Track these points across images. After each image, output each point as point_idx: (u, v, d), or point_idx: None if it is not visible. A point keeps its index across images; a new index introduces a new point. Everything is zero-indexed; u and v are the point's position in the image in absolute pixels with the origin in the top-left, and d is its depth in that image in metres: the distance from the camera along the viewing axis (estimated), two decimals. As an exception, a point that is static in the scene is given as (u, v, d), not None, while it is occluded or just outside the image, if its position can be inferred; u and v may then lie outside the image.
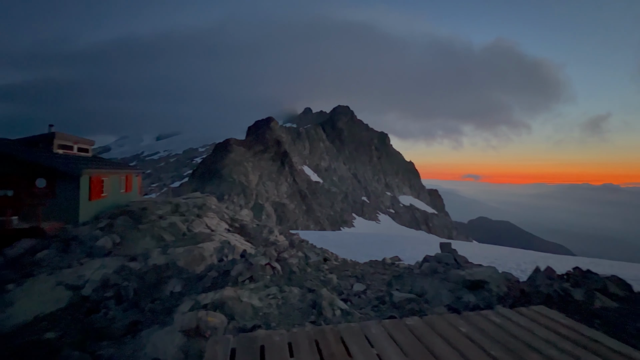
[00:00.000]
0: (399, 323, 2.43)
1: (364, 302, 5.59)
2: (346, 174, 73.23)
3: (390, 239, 21.00)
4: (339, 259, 10.10)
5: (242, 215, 14.31)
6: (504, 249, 19.22)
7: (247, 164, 45.20)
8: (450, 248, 7.13)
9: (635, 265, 13.38)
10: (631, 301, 4.97)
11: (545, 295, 4.69)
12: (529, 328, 2.31)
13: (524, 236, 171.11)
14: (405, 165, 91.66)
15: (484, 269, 5.58)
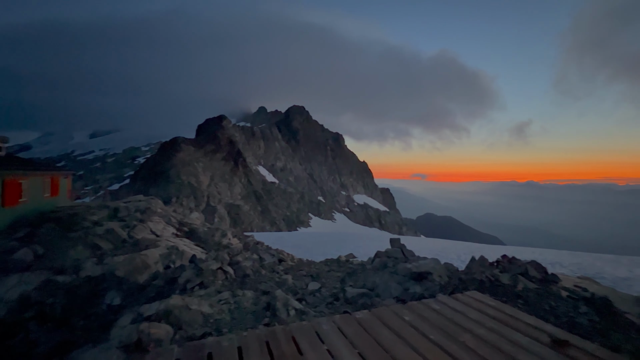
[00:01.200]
0: (348, 318, 2.51)
1: (319, 300, 5.67)
2: (302, 174, 73.45)
3: (346, 237, 21.58)
4: (295, 259, 10.10)
5: (192, 218, 13.53)
6: (447, 242, 20.91)
7: (197, 164, 42.77)
8: (399, 243, 7.56)
9: (551, 251, 15.51)
10: (546, 282, 5.77)
11: (479, 281, 5.23)
12: (462, 312, 2.56)
13: (464, 229, 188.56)
14: (359, 165, 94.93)
15: (428, 261, 6.02)
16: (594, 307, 4.63)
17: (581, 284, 5.84)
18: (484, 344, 2.08)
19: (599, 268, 10.26)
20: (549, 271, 6.55)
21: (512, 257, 6.85)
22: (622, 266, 10.79)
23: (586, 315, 4.33)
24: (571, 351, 2.00)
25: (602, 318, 4.49)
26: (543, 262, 10.53)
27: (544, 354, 1.97)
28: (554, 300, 4.72)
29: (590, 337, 3.94)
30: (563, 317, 4.24)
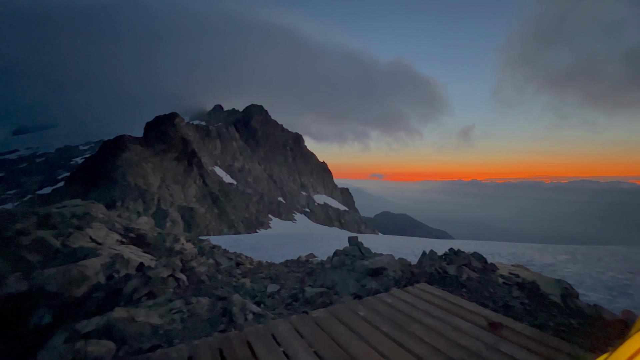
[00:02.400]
0: (305, 317, 2.52)
1: (278, 302, 5.60)
2: (261, 175, 72.05)
3: (306, 237, 21.62)
4: (254, 262, 9.86)
5: (140, 223, 12.51)
6: (402, 238, 22.00)
7: (146, 165, 39.68)
8: (356, 241, 7.78)
9: (491, 243, 17.08)
10: (486, 271, 6.35)
11: (429, 274, 5.59)
12: (412, 303, 2.71)
13: (417, 226, 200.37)
14: (319, 165, 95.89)
15: (383, 258, 6.28)
16: (525, 291, 5.22)
17: (514, 271, 6.54)
18: (431, 331, 2.23)
19: (529, 256, 11.49)
20: (489, 261, 7.23)
21: (457, 249, 7.44)
22: (548, 253, 12.20)
23: (518, 299, 4.87)
24: (504, 331, 2.23)
25: (531, 300, 5.07)
26: (484, 253, 11.58)
27: (481, 336, 2.17)
28: (492, 287, 5.23)
29: (521, 317, 4.43)
30: (499, 302, 4.71)
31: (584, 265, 9.88)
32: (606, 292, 7.22)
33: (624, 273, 8.80)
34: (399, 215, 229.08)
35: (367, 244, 13.55)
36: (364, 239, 18.41)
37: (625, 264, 10.00)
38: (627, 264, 10.08)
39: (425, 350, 1.99)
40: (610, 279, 8.29)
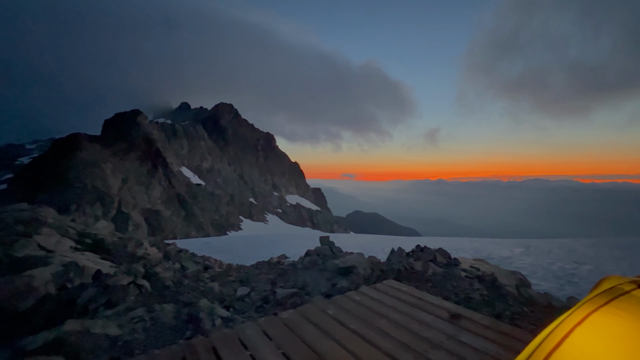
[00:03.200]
0: (274, 319, 2.49)
1: (248, 306, 5.49)
2: (231, 175, 70.20)
3: (278, 238, 21.42)
4: (224, 265, 9.59)
5: (98, 228, 11.66)
6: (373, 237, 22.51)
7: (104, 165, 37.05)
8: (328, 241, 7.84)
9: (456, 239, 17.99)
10: (450, 265, 6.69)
11: (397, 270, 5.78)
12: (380, 299, 2.78)
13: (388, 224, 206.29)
14: (291, 166, 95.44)
15: (353, 256, 6.39)
16: (484, 283, 5.57)
17: (475, 265, 6.95)
18: (397, 326, 2.30)
19: (489, 250, 12.25)
20: (453, 256, 7.63)
21: (424, 246, 7.75)
22: (505, 247, 13.09)
23: (478, 291, 5.18)
24: (463, 322, 2.35)
25: (490, 291, 5.42)
26: (449, 248, 12.18)
27: (443, 327, 2.28)
28: (455, 281, 5.52)
29: (480, 308, 4.71)
30: (462, 294, 4.98)
31: (536, 257, 10.75)
32: (555, 281, 7.91)
33: (571, 263, 9.70)
34: (370, 214, 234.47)
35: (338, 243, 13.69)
36: (336, 239, 18.62)
37: (571, 255, 11.02)
38: (572, 255, 11.12)
39: (391, 345, 2.05)
40: (558, 268, 9.10)
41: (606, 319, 0.74)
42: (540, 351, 0.75)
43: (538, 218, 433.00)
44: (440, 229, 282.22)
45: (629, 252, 11.38)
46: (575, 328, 0.75)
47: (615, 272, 9.13)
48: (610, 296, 0.78)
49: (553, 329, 0.78)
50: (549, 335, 0.77)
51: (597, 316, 0.76)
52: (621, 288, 0.80)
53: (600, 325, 0.74)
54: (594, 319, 0.75)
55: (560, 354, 0.71)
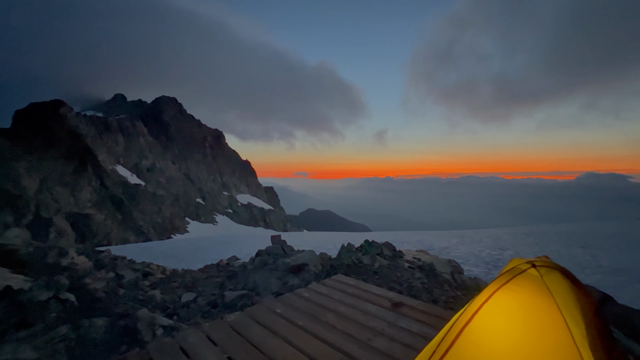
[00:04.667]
0: (219, 323, 2.40)
1: (194, 312, 5.19)
2: (176, 174, 65.47)
3: (228, 240, 20.62)
4: (167, 271, 8.92)
5: (8, 237, 9.99)
6: (326, 234, 22.92)
7: (17, 164, 31.73)
8: (279, 240, 7.78)
9: (402, 232, 19.18)
10: (395, 257, 7.13)
11: (347, 265, 5.98)
12: (328, 294, 2.86)
13: (340, 221, 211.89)
14: (242, 164, 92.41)
15: (304, 254, 6.44)
16: (424, 272, 6.05)
17: (417, 256, 7.51)
18: (343, 318, 2.39)
19: (430, 242, 13.30)
20: (398, 249, 8.14)
21: (372, 241, 8.14)
22: (444, 239, 14.33)
23: (419, 280, 5.61)
24: (404, 309, 2.53)
25: (429, 279, 5.91)
26: (396, 242, 12.95)
27: (386, 316, 2.42)
28: (399, 272, 5.90)
29: (421, 295, 5.11)
30: (405, 284, 5.35)
31: (469, 246, 12.00)
32: (484, 266, 8.93)
33: (497, 250, 11.03)
34: (323, 211, 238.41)
35: (291, 241, 13.66)
36: (289, 237, 18.53)
37: (497, 243, 12.52)
38: (498, 242, 12.65)
39: (337, 337, 2.12)
40: (487, 255, 10.29)
41: (506, 295, 0.88)
42: (455, 327, 0.86)
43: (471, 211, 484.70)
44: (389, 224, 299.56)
45: (540, 238, 13.33)
46: (483, 305, 0.87)
47: (530, 255, 10.61)
48: (511, 275, 0.92)
49: (466, 307, 0.90)
50: (463, 313, 0.89)
51: (500, 293, 0.89)
52: (519, 268, 0.95)
53: (502, 300, 0.87)
54: (498, 295, 0.88)
55: (470, 329, 0.82)
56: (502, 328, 0.79)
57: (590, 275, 7.63)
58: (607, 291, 6.42)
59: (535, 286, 0.85)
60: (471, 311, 0.87)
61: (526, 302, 0.82)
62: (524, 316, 0.80)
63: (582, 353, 0.69)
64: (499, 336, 0.78)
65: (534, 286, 0.85)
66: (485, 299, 0.88)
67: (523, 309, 0.82)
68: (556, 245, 11.51)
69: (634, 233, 12.82)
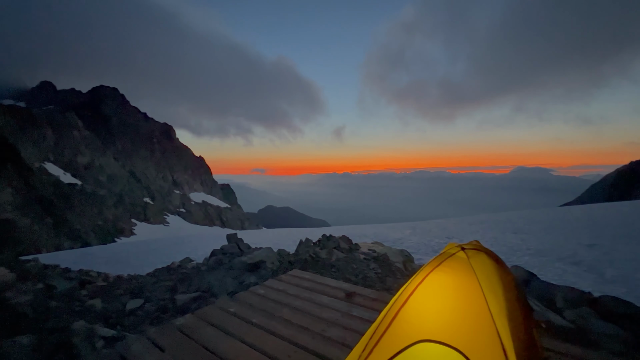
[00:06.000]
0: (167, 328, 2.26)
1: (141, 319, 4.82)
2: (119, 172, 59.80)
3: (181, 241, 19.49)
4: (110, 278, 8.16)
5: None
6: (285, 230, 22.78)
7: None
8: (236, 238, 7.56)
9: (360, 226, 19.77)
10: (351, 250, 7.35)
11: (304, 260, 6.02)
12: (284, 290, 2.85)
13: (300, 217, 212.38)
14: (195, 160, 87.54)
15: (262, 251, 6.35)
16: (378, 262, 6.34)
17: (372, 247, 7.83)
18: (298, 312, 2.41)
19: (386, 234, 13.91)
20: (355, 241, 8.40)
21: (329, 235, 8.29)
22: (398, 230, 15.10)
23: (373, 270, 5.86)
24: (357, 299, 2.63)
25: (383, 269, 6.20)
26: (353, 235, 13.33)
27: (339, 306, 2.49)
28: (355, 263, 6.11)
29: (375, 285, 5.35)
30: (360, 275, 5.56)
31: (421, 236, 12.83)
32: (433, 254, 9.58)
33: (444, 238, 11.94)
34: (282, 208, 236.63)
35: (249, 239, 13.33)
36: (247, 235, 18.06)
37: (444, 232, 13.56)
38: (445, 231, 13.71)
39: (292, 331, 2.13)
40: (436, 244, 11.09)
41: (438, 276, 0.96)
42: (393, 309, 0.93)
43: (422, 203, 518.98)
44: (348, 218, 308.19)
45: (481, 226, 14.72)
46: (417, 286, 0.95)
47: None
48: (442, 258, 1.01)
49: (403, 290, 0.97)
50: (400, 296, 0.96)
51: (432, 275, 0.97)
52: (450, 252, 1.05)
53: (434, 281, 0.95)
54: (431, 277, 0.97)
55: (406, 309, 0.90)
56: (434, 306, 0.87)
57: (520, 257, 8.65)
58: (533, 270, 7.31)
59: (462, 267, 0.95)
60: (407, 293, 0.94)
61: (454, 281, 0.91)
62: (452, 294, 0.89)
63: (495, 321, 0.79)
64: (432, 314, 0.86)
65: (461, 267, 0.95)
66: (420, 281, 0.96)
67: (452, 287, 0.91)
68: (494, 232, 12.81)
69: (555, 219, 14.79)
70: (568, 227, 12.09)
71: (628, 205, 18.46)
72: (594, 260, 7.80)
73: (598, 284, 6.33)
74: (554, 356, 1.77)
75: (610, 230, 10.86)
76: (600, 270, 7.12)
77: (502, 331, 0.77)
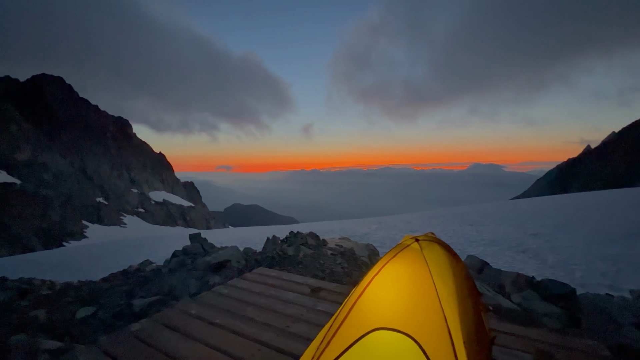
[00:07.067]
0: (121, 335, 2.12)
1: (93, 328, 4.47)
2: (67, 170, 54.53)
3: (140, 243, 18.35)
4: (57, 285, 7.46)
5: None
6: (253, 229, 22.38)
7: None
8: (199, 238, 7.27)
9: (328, 222, 19.97)
10: (319, 246, 7.41)
11: (271, 257, 5.96)
12: (248, 288, 2.80)
13: (268, 215, 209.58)
14: (155, 157, 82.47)
15: (227, 250, 6.17)
16: (345, 257, 6.47)
17: (339, 243, 7.96)
18: (263, 310, 2.38)
19: (353, 229, 14.22)
20: (322, 238, 8.48)
21: (297, 231, 8.28)
22: (365, 225, 15.49)
23: (340, 265, 5.97)
24: (322, 293, 2.66)
25: (349, 263, 6.33)
26: (321, 231, 13.45)
27: (304, 302, 2.50)
28: (323, 259, 6.17)
29: (341, 279, 5.44)
30: (327, 270, 5.62)
31: (386, 231, 13.28)
32: (396, 247, 10.03)
33: (408, 232, 12.48)
34: (249, 206, 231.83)
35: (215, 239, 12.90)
36: (212, 235, 17.47)
37: (408, 226, 14.15)
38: (409, 225, 14.31)
39: (256, 329, 2.10)
40: (400, 237, 11.55)
41: (393, 267, 1.01)
42: (350, 301, 0.95)
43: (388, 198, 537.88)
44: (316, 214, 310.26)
45: (442, 219, 15.58)
46: (374, 278, 0.98)
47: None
48: (398, 250, 1.06)
49: (361, 282, 1.00)
50: (357, 287, 0.99)
51: (388, 266, 1.01)
52: (405, 243, 1.09)
53: (390, 272, 0.99)
54: (386, 268, 1.01)
55: (362, 300, 0.93)
56: (389, 296, 0.91)
57: (476, 247, 9.31)
58: (486, 259, 7.88)
59: (415, 257, 1.00)
60: (364, 284, 0.97)
61: (407, 271, 0.96)
62: (406, 283, 0.93)
63: (443, 307, 0.84)
64: (386, 303, 0.90)
65: (414, 257, 1.00)
66: (376, 273, 0.99)
67: (405, 277, 0.95)
68: (453, 224, 13.62)
69: (505, 211, 16.08)
70: (517, 219, 13.24)
71: (566, 198, 20.65)
72: (538, 248, 8.62)
73: (541, 269, 7.02)
74: (499, 335, 1.93)
75: (552, 220, 12.08)
76: (543, 256, 7.89)
77: (449, 316, 0.83)
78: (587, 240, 8.74)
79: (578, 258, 7.37)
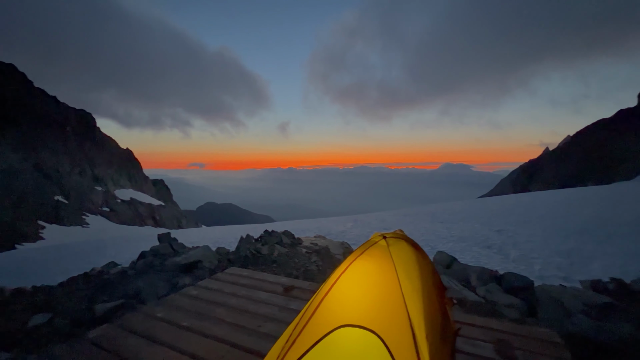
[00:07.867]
0: (78, 343, 1.98)
1: (48, 336, 4.14)
2: (21, 166, 50.08)
3: (104, 244, 17.31)
4: (6, 291, 6.85)
5: None
6: (227, 228, 21.85)
7: None
8: (168, 238, 6.98)
9: (304, 220, 19.93)
10: (294, 245, 7.38)
11: (244, 257, 5.85)
12: (219, 289, 2.72)
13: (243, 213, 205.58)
14: (121, 153, 77.98)
15: (198, 250, 5.98)
16: (320, 255, 6.49)
17: (315, 241, 7.97)
18: (234, 310, 2.32)
19: (329, 228, 14.30)
20: (298, 236, 8.45)
21: (272, 230, 8.20)
22: (340, 223, 15.63)
23: (315, 263, 5.98)
24: (294, 292, 2.65)
25: (324, 262, 6.36)
26: (296, 230, 13.38)
27: (277, 301, 2.48)
28: (297, 258, 6.15)
29: (315, 277, 5.46)
30: (302, 268, 5.61)
31: (361, 228, 13.48)
32: (370, 245, 10.22)
33: (382, 229, 12.72)
34: (223, 205, 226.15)
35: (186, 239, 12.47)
36: (183, 234, 16.86)
37: (383, 224, 14.46)
38: (384, 223, 14.63)
39: (226, 330, 2.05)
40: (373, 235, 11.79)
41: (360, 264, 1.02)
42: (317, 298, 0.95)
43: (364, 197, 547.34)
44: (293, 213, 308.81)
45: (415, 217, 16.08)
46: (341, 275, 0.99)
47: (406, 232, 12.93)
48: (366, 247, 1.07)
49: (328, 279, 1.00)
50: (325, 285, 0.99)
51: (355, 263, 1.02)
52: (373, 240, 1.11)
53: (357, 269, 1.00)
54: (354, 265, 1.01)
55: (329, 298, 0.93)
56: (355, 293, 0.92)
57: (446, 244, 9.70)
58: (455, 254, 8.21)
59: (382, 254, 1.01)
60: (331, 282, 0.97)
61: (374, 268, 0.97)
62: (372, 280, 0.94)
63: (407, 303, 0.86)
64: (353, 300, 0.90)
65: (381, 254, 1.01)
66: (343, 270, 1.00)
67: (372, 274, 0.96)
68: (425, 222, 14.09)
69: (473, 209, 16.90)
70: (483, 216, 13.96)
71: (528, 196, 22.07)
72: (502, 243, 9.15)
73: (504, 263, 7.45)
74: (464, 327, 2.02)
75: (514, 217, 12.86)
76: (506, 251, 8.39)
77: (412, 311, 0.85)
78: (545, 235, 9.40)
79: (537, 252, 7.91)
